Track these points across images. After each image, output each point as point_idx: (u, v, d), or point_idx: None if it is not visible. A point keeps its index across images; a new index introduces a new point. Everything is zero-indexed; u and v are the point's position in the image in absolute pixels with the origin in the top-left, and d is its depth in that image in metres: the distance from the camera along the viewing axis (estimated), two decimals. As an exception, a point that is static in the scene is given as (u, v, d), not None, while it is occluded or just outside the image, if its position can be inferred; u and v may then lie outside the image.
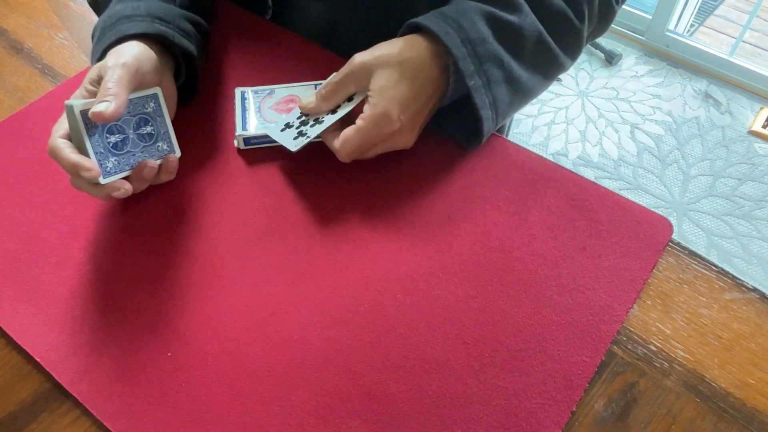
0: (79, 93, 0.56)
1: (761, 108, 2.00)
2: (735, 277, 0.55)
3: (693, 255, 0.57)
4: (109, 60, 0.56)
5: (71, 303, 0.54)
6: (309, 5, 0.75)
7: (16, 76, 0.75)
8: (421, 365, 0.50)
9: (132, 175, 0.57)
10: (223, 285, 0.55)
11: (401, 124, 0.57)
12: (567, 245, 0.57)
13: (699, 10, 2.23)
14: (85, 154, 0.54)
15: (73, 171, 0.53)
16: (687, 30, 2.21)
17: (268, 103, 0.66)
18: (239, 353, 0.51)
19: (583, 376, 0.49)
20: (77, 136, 0.54)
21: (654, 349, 0.52)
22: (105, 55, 0.58)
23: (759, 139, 1.94)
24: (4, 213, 0.60)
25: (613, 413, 0.49)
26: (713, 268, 0.56)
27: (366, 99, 0.58)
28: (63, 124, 0.55)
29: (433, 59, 0.58)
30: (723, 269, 0.56)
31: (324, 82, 0.60)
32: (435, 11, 0.60)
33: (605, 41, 2.20)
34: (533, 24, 0.61)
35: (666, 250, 0.57)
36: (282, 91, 0.67)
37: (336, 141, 0.59)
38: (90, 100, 0.54)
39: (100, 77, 0.56)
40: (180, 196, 0.61)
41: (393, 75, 0.57)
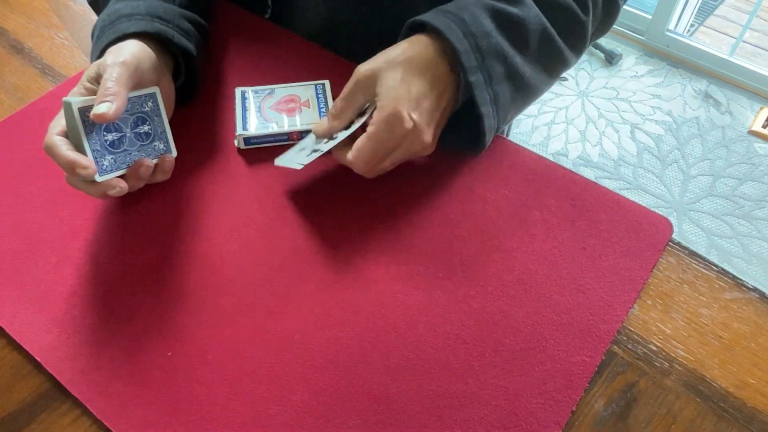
0: (77, 90, 0.56)
1: (761, 108, 2.00)
2: (735, 277, 0.55)
3: (693, 255, 0.57)
4: (108, 58, 0.56)
5: (71, 303, 0.54)
6: (309, 5, 0.75)
7: (16, 76, 0.75)
8: (421, 365, 0.50)
9: (128, 174, 0.57)
10: (223, 285, 0.55)
11: (414, 123, 0.55)
12: (567, 245, 0.57)
13: (699, 10, 2.23)
14: (82, 151, 0.54)
15: (69, 168, 0.53)
16: (687, 30, 2.21)
17: (268, 103, 0.66)
18: (239, 353, 0.51)
19: (583, 376, 0.49)
20: (74, 133, 0.54)
21: (654, 349, 0.52)
22: (104, 54, 0.58)
23: (759, 139, 1.94)
24: (4, 213, 0.60)
25: (613, 413, 0.49)
26: (713, 268, 0.56)
27: (375, 105, 0.56)
28: (60, 121, 0.55)
29: (439, 55, 0.57)
30: (723, 269, 0.56)
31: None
32: (436, 9, 0.59)
33: (605, 41, 2.20)
34: (537, 17, 0.60)
35: (666, 250, 0.57)
36: (282, 91, 0.67)
37: (349, 154, 0.56)
38: (88, 97, 0.54)
39: (98, 75, 0.56)
40: (180, 196, 0.61)
41: (398, 74, 0.55)
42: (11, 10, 0.84)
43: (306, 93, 0.67)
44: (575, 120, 2.01)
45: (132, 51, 0.57)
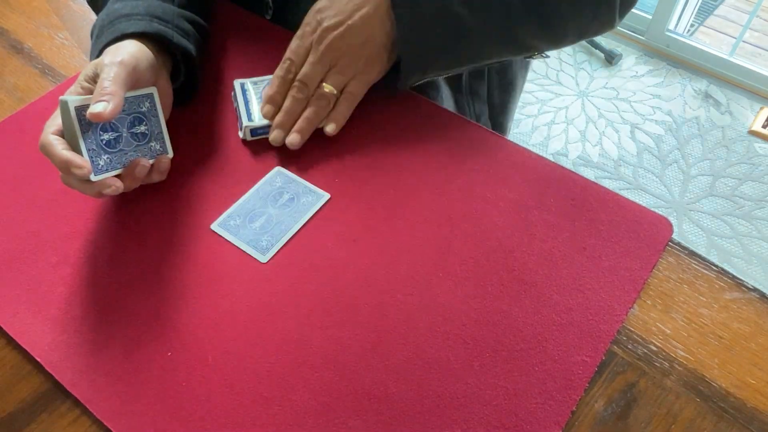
0: (74, 89, 0.56)
1: (761, 108, 2.00)
2: (735, 277, 0.55)
3: (693, 255, 0.57)
4: (106, 57, 0.56)
5: (71, 303, 0.54)
6: (309, 6, 0.75)
7: (16, 76, 0.75)
8: (421, 365, 0.50)
9: (124, 174, 0.57)
10: (223, 285, 0.55)
11: (320, 18, 0.61)
12: (567, 245, 0.57)
13: (699, 10, 2.23)
14: (78, 150, 0.54)
15: (65, 167, 0.52)
16: (687, 30, 2.21)
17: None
18: (239, 353, 0.51)
19: (583, 376, 0.49)
20: (70, 132, 0.54)
21: (654, 349, 0.52)
22: (102, 53, 0.58)
23: (759, 139, 1.94)
24: (4, 213, 0.60)
25: (613, 413, 0.49)
26: (713, 268, 0.56)
27: None
28: (56, 120, 0.55)
29: None
30: (723, 269, 0.56)
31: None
32: None
33: (605, 41, 2.20)
34: None
35: (666, 249, 0.57)
36: None
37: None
38: (85, 96, 0.54)
39: (95, 74, 0.56)
40: (179, 196, 0.61)
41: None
42: (11, 10, 0.84)
43: None
44: (575, 120, 2.01)
45: (130, 51, 0.57)
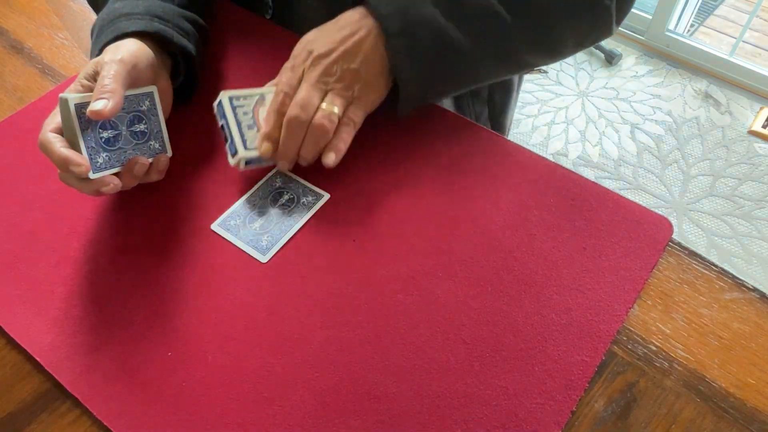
0: (74, 87, 0.56)
1: (761, 108, 2.00)
2: (735, 277, 0.55)
3: (693, 255, 0.57)
4: (106, 56, 0.56)
5: (71, 303, 0.54)
6: (309, 5, 0.75)
7: (16, 76, 0.75)
8: (421, 365, 0.50)
9: (122, 172, 0.57)
10: (223, 285, 0.55)
11: (311, 48, 0.59)
12: (567, 245, 0.57)
13: (699, 10, 2.23)
14: (77, 148, 0.54)
15: (63, 165, 0.52)
16: (687, 30, 2.21)
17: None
18: (239, 353, 0.51)
19: (583, 376, 0.49)
20: (70, 130, 0.54)
21: (654, 349, 0.52)
22: (102, 52, 0.58)
23: (759, 139, 1.94)
24: (4, 213, 0.60)
25: (613, 413, 0.49)
26: (713, 268, 0.56)
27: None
28: (55, 117, 0.55)
29: (356, 10, 0.60)
30: (723, 269, 0.56)
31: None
32: None
33: (605, 41, 2.20)
34: None
35: (666, 250, 0.57)
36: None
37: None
38: (85, 94, 0.54)
39: (96, 72, 0.56)
40: (179, 195, 0.61)
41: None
42: (11, 10, 0.84)
43: None
44: (575, 120, 2.01)
45: (130, 49, 0.57)
